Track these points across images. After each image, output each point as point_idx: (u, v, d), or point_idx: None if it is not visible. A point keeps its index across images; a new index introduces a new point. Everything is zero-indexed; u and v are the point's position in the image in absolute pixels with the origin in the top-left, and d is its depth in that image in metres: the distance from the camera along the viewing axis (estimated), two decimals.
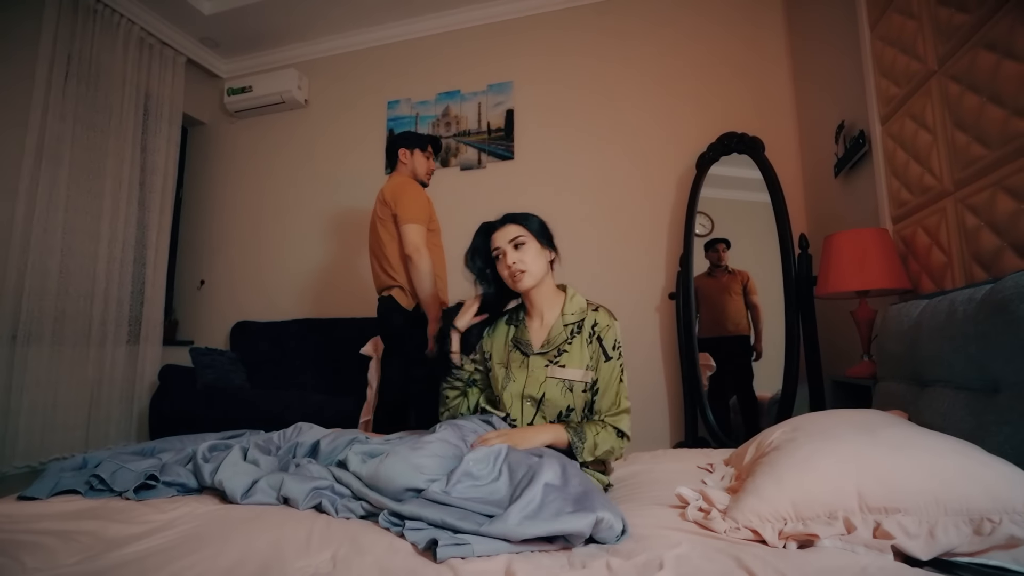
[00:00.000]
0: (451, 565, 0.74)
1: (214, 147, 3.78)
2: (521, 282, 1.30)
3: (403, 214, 2.02)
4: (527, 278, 1.30)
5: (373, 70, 3.50)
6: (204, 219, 3.72)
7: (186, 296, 3.65)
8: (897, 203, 1.75)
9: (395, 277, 2.06)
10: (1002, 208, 1.28)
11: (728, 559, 0.73)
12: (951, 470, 0.77)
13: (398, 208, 2.03)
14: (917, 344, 1.23)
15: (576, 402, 1.26)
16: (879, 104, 1.83)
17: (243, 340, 3.24)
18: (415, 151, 2.22)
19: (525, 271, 1.29)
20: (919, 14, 1.59)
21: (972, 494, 0.73)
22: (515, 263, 1.29)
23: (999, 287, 1.00)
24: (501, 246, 1.32)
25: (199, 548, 0.81)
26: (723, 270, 2.56)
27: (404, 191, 2.05)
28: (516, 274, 1.30)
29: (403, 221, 2.02)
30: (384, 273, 2.10)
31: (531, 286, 1.31)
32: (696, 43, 2.90)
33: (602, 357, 1.27)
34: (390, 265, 2.07)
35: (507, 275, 1.31)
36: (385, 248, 2.08)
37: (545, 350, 1.31)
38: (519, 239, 1.31)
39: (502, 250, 1.32)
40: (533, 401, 1.28)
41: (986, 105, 1.32)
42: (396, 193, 2.05)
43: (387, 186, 2.12)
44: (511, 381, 1.31)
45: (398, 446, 1.07)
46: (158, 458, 1.20)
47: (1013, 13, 1.23)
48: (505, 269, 1.31)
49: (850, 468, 0.80)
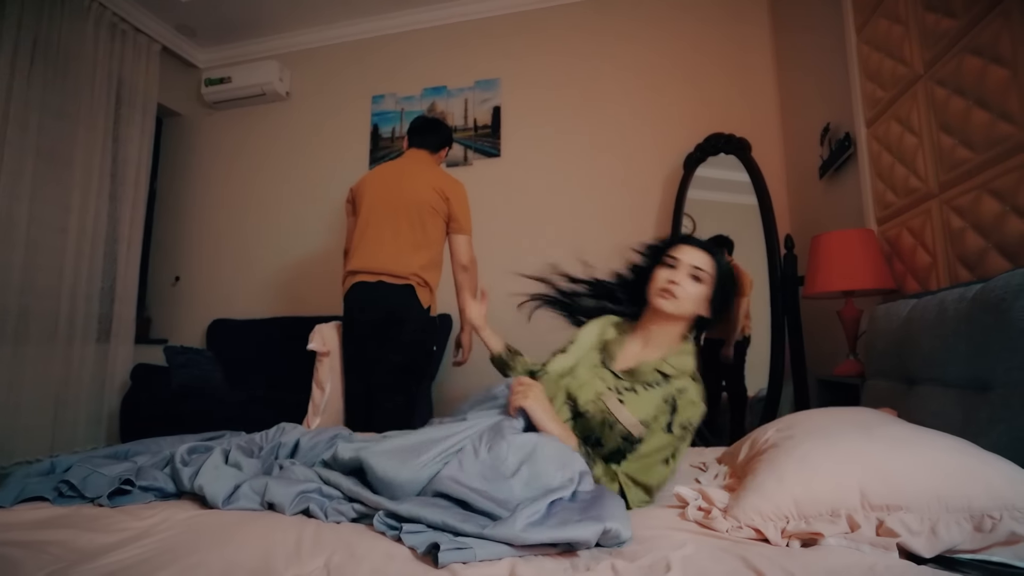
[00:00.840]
0: (452, 570, 0.71)
1: (190, 139, 3.67)
2: (663, 302, 1.17)
3: (464, 222, 2.02)
4: (671, 305, 1.16)
5: (357, 63, 3.43)
6: (179, 213, 3.60)
7: (160, 293, 3.53)
8: (882, 205, 1.77)
9: (422, 275, 1.95)
10: (987, 210, 1.30)
11: (735, 559, 0.72)
12: (951, 468, 0.77)
13: (459, 213, 2.00)
14: (907, 343, 1.24)
15: (608, 442, 1.10)
16: (865, 107, 1.86)
17: (221, 339, 3.15)
18: (447, 148, 2.22)
19: (677, 298, 1.16)
20: (906, 19, 1.61)
21: (973, 492, 0.73)
22: (678, 284, 1.16)
23: (990, 286, 1.01)
24: (682, 260, 1.18)
25: (180, 558, 0.77)
26: None
27: (464, 196, 2.04)
28: (667, 293, 1.16)
29: (463, 231, 2.02)
30: (408, 262, 1.93)
31: (667, 312, 1.17)
32: (683, 43, 2.91)
33: (664, 426, 1.08)
34: (422, 260, 1.95)
35: (659, 287, 1.18)
36: (418, 238, 1.96)
37: (621, 377, 1.17)
38: (701, 273, 1.17)
39: (679, 263, 1.18)
40: (573, 407, 1.16)
41: (972, 109, 1.34)
42: (458, 195, 2.02)
43: (442, 180, 2.02)
44: (571, 375, 1.20)
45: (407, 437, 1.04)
46: (133, 461, 1.14)
47: (999, 19, 1.25)
48: (664, 280, 1.18)
49: (852, 467, 0.80)
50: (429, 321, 1.99)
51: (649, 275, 1.23)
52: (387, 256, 1.94)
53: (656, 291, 1.19)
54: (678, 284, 1.17)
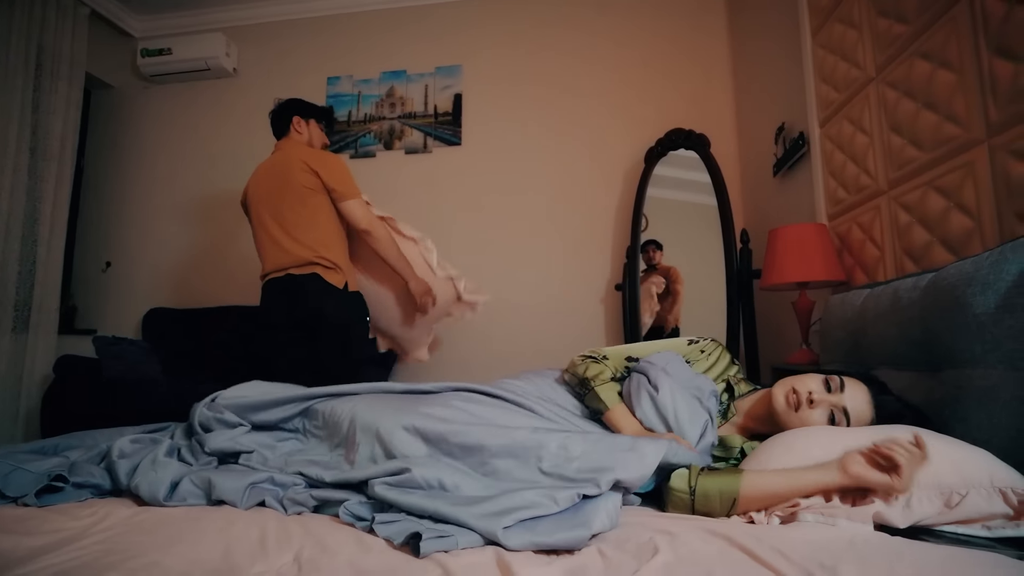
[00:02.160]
0: (436, 560, 0.67)
1: (124, 113, 3.39)
2: (783, 404, 1.01)
3: (343, 189, 1.89)
4: (786, 414, 1.01)
5: (312, 42, 3.27)
6: (111, 194, 3.32)
7: (88, 280, 3.25)
8: (833, 201, 1.86)
9: (322, 253, 1.86)
10: (932, 206, 1.38)
11: (720, 540, 0.72)
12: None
13: (334, 182, 1.88)
14: (862, 330, 1.30)
15: None
16: (819, 108, 1.94)
17: (158, 329, 2.93)
18: (311, 121, 2.07)
19: (796, 416, 1.00)
20: (859, 24, 1.69)
21: (942, 470, 0.77)
22: (815, 404, 0.99)
23: (943, 274, 1.07)
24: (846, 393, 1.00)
25: (128, 559, 0.69)
26: (650, 272, 2.65)
27: (333, 162, 1.92)
28: (795, 401, 1.00)
29: (345, 196, 1.89)
30: (301, 247, 1.87)
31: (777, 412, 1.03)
32: (644, 41, 2.95)
33: None
34: (315, 240, 1.87)
35: (795, 388, 1.02)
36: (303, 220, 1.88)
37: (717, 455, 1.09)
38: (842, 417, 0.98)
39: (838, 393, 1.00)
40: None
41: (921, 111, 1.42)
42: (327, 164, 1.90)
43: (306, 155, 1.92)
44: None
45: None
46: (64, 456, 1.03)
47: (948, 26, 1.33)
48: (806, 389, 1.00)
49: (831, 449, 0.82)
50: (349, 297, 1.90)
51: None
52: (283, 250, 1.90)
53: (788, 387, 1.03)
54: (812, 406, 0.99)
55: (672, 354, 1.18)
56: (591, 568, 0.67)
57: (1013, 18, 1.14)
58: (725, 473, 0.86)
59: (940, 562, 0.62)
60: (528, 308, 2.89)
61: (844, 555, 0.65)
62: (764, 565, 0.64)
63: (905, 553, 0.66)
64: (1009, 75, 1.15)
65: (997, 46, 1.18)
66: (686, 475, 0.87)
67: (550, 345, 2.79)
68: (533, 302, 2.89)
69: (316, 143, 2.08)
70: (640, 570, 0.64)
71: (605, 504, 0.78)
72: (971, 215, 1.26)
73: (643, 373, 1.13)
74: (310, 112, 2.08)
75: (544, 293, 2.88)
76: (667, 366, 1.13)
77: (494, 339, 2.85)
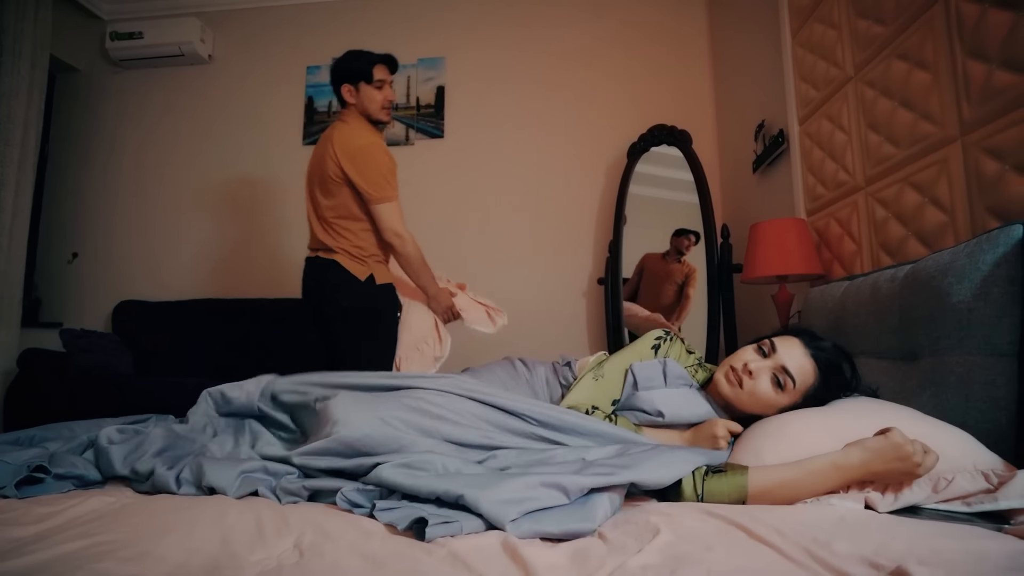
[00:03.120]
0: (442, 544, 0.67)
1: (92, 99, 3.26)
2: (723, 384, 1.02)
3: (373, 192, 1.69)
4: (730, 390, 1.01)
5: (292, 30, 3.21)
6: (78, 182, 3.20)
7: (53, 271, 3.12)
8: (812, 197, 1.91)
9: (345, 242, 1.76)
10: (908, 201, 1.44)
11: (718, 520, 0.73)
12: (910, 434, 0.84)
13: (363, 183, 1.69)
14: (842, 320, 1.35)
15: None
16: (798, 106, 1.99)
17: (129, 322, 2.84)
18: (360, 85, 1.78)
19: (744, 391, 1.00)
20: (839, 24, 1.74)
21: None
22: (754, 374, 0.98)
23: (921, 265, 1.11)
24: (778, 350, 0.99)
25: (120, 548, 0.67)
26: (676, 258, 2.61)
27: (364, 162, 1.70)
28: (736, 377, 1.00)
29: (374, 200, 1.70)
30: (327, 233, 1.78)
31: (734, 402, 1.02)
32: (628, 33, 2.98)
33: None
34: (341, 227, 1.76)
35: (731, 363, 1.02)
36: (332, 207, 1.76)
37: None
38: (786, 380, 0.97)
39: (772, 354, 0.99)
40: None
41: (897, 109, 1.47)
42: (355, 165, 1.69)
43: (339, 138, 1.73)
44: None
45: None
46: (43, 447, 0.99)
47: (924, 28, 1.38)
48: (741, 361, 1.01)
49: (821, 436, 0.85)
50: (369, 288, 1.77)
51: None
52: (314, 232, 1.82)
53: (725, 367, 1.03)
54: (752, 376, 0.99)
55: (639, 366, 1.12)
56: (594, 550, 0.68)
57: (986, 21, 1.19)
58: (730, 475, 0.83)
59: (928, 535, 0.65)
60: (510, 301, 2.87)
61: (837, 531, 0.68)
62: (761, 541, 0.66)
63: (895, 528, 0.68)
64: (982, 75, 1.20)
65: (971, 48, 1.23)
66: (691, 482, 0.83)
67: (532, 338, 2.80)
68: (516, 295, 2.89)
69: (374, 109, 1.79)
70: (644, 549, 0.65)
71: (611, 495, 0.79)
72: (945, 210, 1.31)
73: (635, 409, 1.08)
74: (356, 75, 1.78)
75: (527, 286, 2.89)
76: (645, 381, 1.09)
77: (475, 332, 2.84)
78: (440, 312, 1.90)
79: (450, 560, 0.63)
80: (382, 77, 1.81)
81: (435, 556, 0.64)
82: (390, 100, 1.83)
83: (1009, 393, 0.91)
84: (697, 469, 0.84)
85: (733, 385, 1.01)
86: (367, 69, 1.78)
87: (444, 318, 1.91)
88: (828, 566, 0.59)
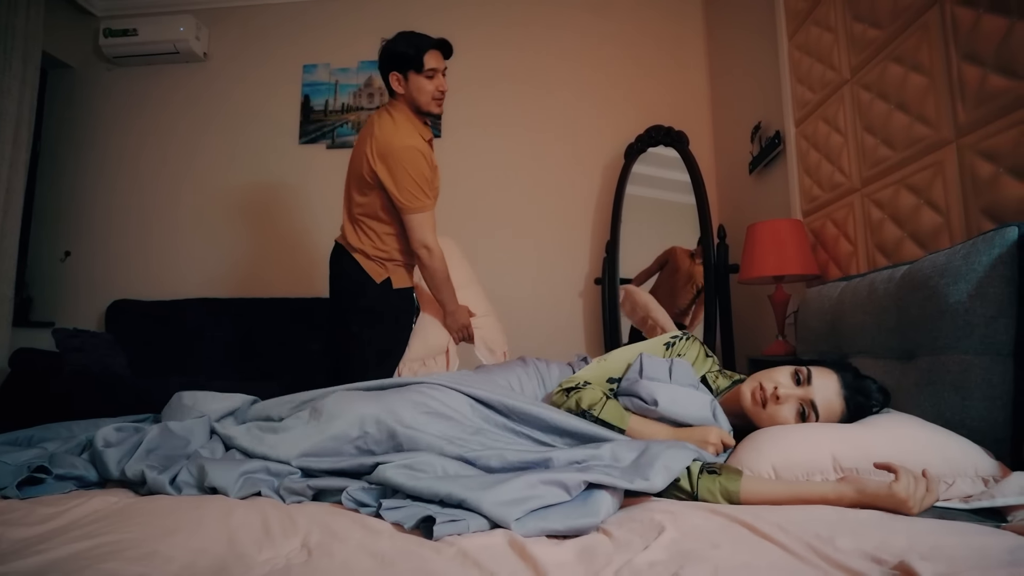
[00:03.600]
0: (450, 542, 0.67)
1: (85, 96, 3.23)
2: (750, 401, 1.01)
3: (406, 202, 1.59)
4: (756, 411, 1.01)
5: (288, 28, 3.19)
6: (71, 180, 3.17)
7: (45, 269, 3.09)
8: (808, 198, 1.93)
9: (371, 245, 1.69)
10: (904, 203, 1.46)
11: (722, 517, 0.74)
12: (913, 439, 0.87)
13: (395, 191, 1.58)
14: (839, 320, 1.36)
15: None
16: (795, 108, 2.01)
17: (123, 322, 2.81)
18: (409, 74, 1.63)
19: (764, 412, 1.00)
20: (835, 27, 1.76)
21: (931, 460, 0.82)
22: (781, 400, 0.97)
23: (917, 266, 1.13)
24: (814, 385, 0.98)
25: (127, 548, 0.66)
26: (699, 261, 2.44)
27: (400, 159, 1.57)
28: (760, 397, 1.00)
29: (406, 211, 1.60)
30: (353, 230, 1.71)
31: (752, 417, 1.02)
32: (626, 34, 2.99)
33: None
34: (367, 227, 1.69)
35: (762, 384, 1.01)
36: (362, 205, 1.67)
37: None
38: (812, 412, 0.97)
39: (806, 386, 0.98)
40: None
41: (893, 112, 1.49)
42: (388, 171, 1.58)
43: (379, 135, 1.60)
44: None
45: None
46: (42, 448, 0.99)
47: (920, 32, 1.40)
48: (772, 383, 0.99)
49: (823, 438, 0.87)
50: (385, 289, 1.71)
51: None
52: (345, 225, 1.76)
53: (754, 383, 1.02)
54: (778, 402, 0.98)
55: (648, 357, 1.13)
56: (600, 547, 0.69)
57: (981, 26, 1.20)
58: (724, 478, 0.82)
59: (929, 532, 0.66)
60: (507, 301, 2.88)
61: (839, 527, 0.69)
62: (765, 538, 0.67)
63: (895, 525, 0.69)
64: (977, 79, 1.22)
65: (966, 52, 1.25)
66: (688, 476, 0.84)
67: (529, 337, 2.80)
68: (513, 295, 2.89)
69: (423, 100, 1.66)
70: (650, 546, 0.65)
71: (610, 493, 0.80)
72: (940, 211, 1.33)
73: (633, 395, 1.07)
74: (406, 61, 1.62)
75: (523, 286, 2.89)
76: (651, 371, 1.09)
77: None
78: (455, 329, 1.82)
79: (460, 559, 0.64)
80: (434, 65, 1.64)
81: (444, 555, 0.65)
82: (442, 91, 1.67)
83: (1005, 392, 0.92)
84: (694, 463, 0.84)
85: (756, 404, 1.00)
86: (418, 56, 1.62)
87: (458, 336, 1.84)
88: (832, 561, 0.60)
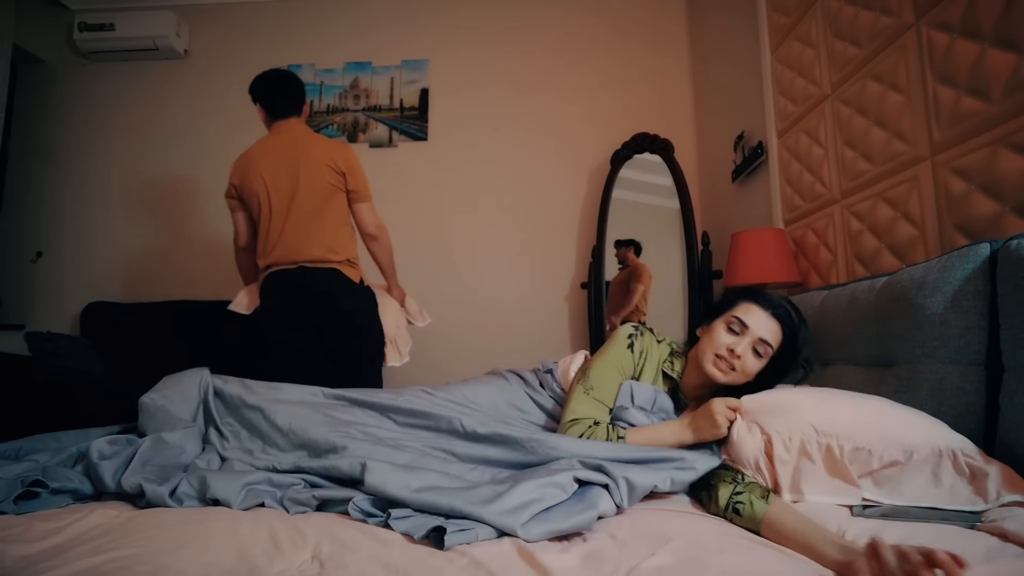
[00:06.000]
0: (460, 551, 0.69)
1: (57, 91, 3.13)
2: (717, 372, 1.06)
3: (365, 190, 1.89)
4: (725, 377, 1.06)
5: (272, 27, 3.15)
6: (42, 177, 3.07)
7: (15, 270, 2.98)
8: (789, 207, 1.99)
9: (338, 250, 1.83)
10: (881, 215, 1.52)
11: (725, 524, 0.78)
12: (880, 414, 0.94)
13: (356, 183, 1.87)
14: (820, 328, 1.41)
15: None
16: (777, 119, 2.07)
17: (98, 325, 2.74)
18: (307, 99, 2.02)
19: (738, 372, 1.06)
20: (817, 44, 1.82)
21: (902, 434, 0.89)
22: (739, 358, 1.04)
23: (896, 278, 1.18)
24: (749, 327, 1.05)
25: (135, 565, 0.66)
26: (622, 267, 2.73)
27: (356, 161, 1.89)
28: (727, 364, 1.05)
29: (362, 199, 1.89)
30: (320, 241, 1.81)
31: (722, 383, 1.07)
32: (614, 40, 3.02)
33: None
34: (336, 236, 1.84)
35: (715, 351, 1.06)
36: (325, 216, 1.83)
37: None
38: (765, 349, 1.05)
39: (745, 333, 1.06)
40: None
41: (872, 127, 1.56)
42: (352, 165, 1.86)
43: (332, 152, 1.84)
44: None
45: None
46: (33, 460, 0.96)
47: (897, 52, 1.46)
48: (723, 346, 1.06)
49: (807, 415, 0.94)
50: (364, 287, 1.91)
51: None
52: (298, 242, 1.80)
53: (710, 356, 1.07)
54: (740, 358, 1.05)
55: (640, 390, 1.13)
56: (606, 552, 0.71)
57: (955, 50, 1.27)
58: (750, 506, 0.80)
59: (915, 534, 0.70)
60: (493, 305, 2.91)
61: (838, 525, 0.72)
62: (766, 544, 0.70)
63: (885, 530, 0.73)
64: (951, 100, 1.28)
65: (940, 73, 1.31)
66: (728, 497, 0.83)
67: (515, 342, 2.83)
68: (498, 298, 2.92)
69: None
70: (657, 552, 0.68)
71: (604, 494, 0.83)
72: (916, 224, 1.39)
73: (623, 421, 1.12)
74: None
75: (509, 289, 2.91)
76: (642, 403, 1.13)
77: (458, 337, 2.86)
78: (400, 297, 2.11)
79: (472, 568, 0.65)
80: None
81: (457, 564, 0.66)
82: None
83: (979, 399, 0.98)
84: (738, 483, 0.84)
85: (727, 372, 1.07)
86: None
87: (402, 302, 2.12)
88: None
